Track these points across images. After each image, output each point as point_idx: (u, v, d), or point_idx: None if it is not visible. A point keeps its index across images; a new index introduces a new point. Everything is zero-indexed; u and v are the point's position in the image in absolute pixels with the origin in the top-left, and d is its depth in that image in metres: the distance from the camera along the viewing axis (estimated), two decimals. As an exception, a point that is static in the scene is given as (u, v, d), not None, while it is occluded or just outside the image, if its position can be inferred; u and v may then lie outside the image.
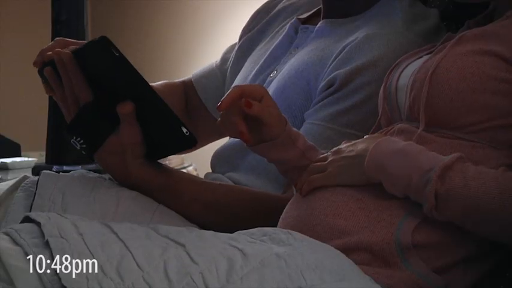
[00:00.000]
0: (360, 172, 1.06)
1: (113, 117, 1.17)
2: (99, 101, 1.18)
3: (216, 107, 1.11)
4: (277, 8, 1.62)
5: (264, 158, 1.20)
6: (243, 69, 1.57)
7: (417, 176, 0.99)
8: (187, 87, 1.69)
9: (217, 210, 1.25)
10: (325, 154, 1.14)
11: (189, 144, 1.17)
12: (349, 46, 1.34)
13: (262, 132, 1.14)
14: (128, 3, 3.74)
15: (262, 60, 1.51)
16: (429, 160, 1.00)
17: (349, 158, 1.08)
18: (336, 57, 1.35)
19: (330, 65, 1.35)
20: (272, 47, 1.51)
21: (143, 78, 1.15)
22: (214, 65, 1.68)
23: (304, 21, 1.52)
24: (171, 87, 1.67)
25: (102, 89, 1.18)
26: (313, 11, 1.55)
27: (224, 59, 1.68)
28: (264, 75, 1.48)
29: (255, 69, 1.51)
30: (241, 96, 1.10)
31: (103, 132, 1.19)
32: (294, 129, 1.18)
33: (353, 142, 1.11)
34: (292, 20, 1.52)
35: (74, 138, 1.20)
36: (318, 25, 1.46)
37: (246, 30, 1.66)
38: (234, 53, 1.65)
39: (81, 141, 1.20)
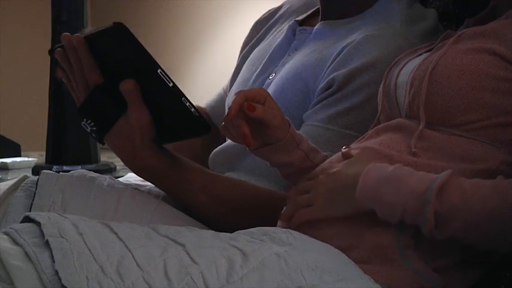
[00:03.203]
0: (349, 202, 1.03)
1: (123, 100, 1.18)
2: (110, 84, 1.18)
3: (224, 117, 1.11)
4: (276, 17, 1.62)
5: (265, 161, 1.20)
6: (243, 71, 1.57)
7: (413, 201, 0.97)
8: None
9: (223, 202, 1.25)
10: (305, 183, 1.11)
11: (201, 128, 1.17)
12: (348, 47, 1.34)
13: (266, 135, 1.14)
14: (128, 3, 3.74)
15: (262, 63, 1.50)
16: (422, 182, 0.98)
17: (335, 190, 1.06)
18: (334, 59, 1.35)
19: (328, 66, 1.35)
20: (271, 49, 1.51)
21: (156, 62, 1.15)
22: (223, 90, 1.68)
23: (302, 23, 1.52)
24: None
25: (112, 73, 1.19)
26: (310, 11, 1.54)
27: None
28: (263, 77, 1.48)
29: (255, 72, 1.51)
30: (245, 101, 1.11)
31: (113, 114, 1.19)
32: (297, 131, 1.18)
33: (331, 171, 1.08)
34: (290, 22, 1.52)
35: (85, 120, 1.21)
36: (316, 27, 1.46)
37: (246, 42, 1.66)
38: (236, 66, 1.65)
39: (92, 123, 1.20)
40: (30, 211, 1.16)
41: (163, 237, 0.95)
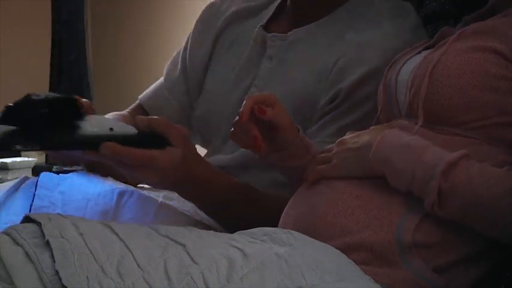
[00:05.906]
0: (364, 164, 1.06)
1: None
2: None
3: (236, 122, 1.11)
4: (221, 19, 1.54)
5: (266, 177, 1.20)
6: (211, 86, 1.49)
7: (421, 171, 1.00)
8: (137, 111, 1.57)
9: (268, 214, 1.21)
10: (331, 146, 1.14)
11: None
12: (343, 58, 1.32)
13: (276, 140, 1.14)
14: (128, 3, 3.74)
15: (233, 77, 1.44)
16: (434, 156, 1.00)
17: (353, 150, 1.08)
18: (331, 70, 1.32)
19: (328, 79, 1.32)
20: (239, 62, 1.45)
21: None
22: (159, 83, 1.59)
23: (266, 27, 1.45)
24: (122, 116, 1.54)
25: None
26: (271, 13, 1.47)
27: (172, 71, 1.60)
28: (240, 91, 1.42)
29: (230, 86, 1.44)
30: (255, 104, 1.11)
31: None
32: (306, 137, 1.18)
33: (357, 133, 1.12)
34: (256, 29, 1.44)
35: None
36: (290, 34, 1.40)
37: (202, 30, 1.59)
38: (186, 55, 1.58)
39: None
40: (30, 212, 1.16)
41: (163, 237, 0.95)
